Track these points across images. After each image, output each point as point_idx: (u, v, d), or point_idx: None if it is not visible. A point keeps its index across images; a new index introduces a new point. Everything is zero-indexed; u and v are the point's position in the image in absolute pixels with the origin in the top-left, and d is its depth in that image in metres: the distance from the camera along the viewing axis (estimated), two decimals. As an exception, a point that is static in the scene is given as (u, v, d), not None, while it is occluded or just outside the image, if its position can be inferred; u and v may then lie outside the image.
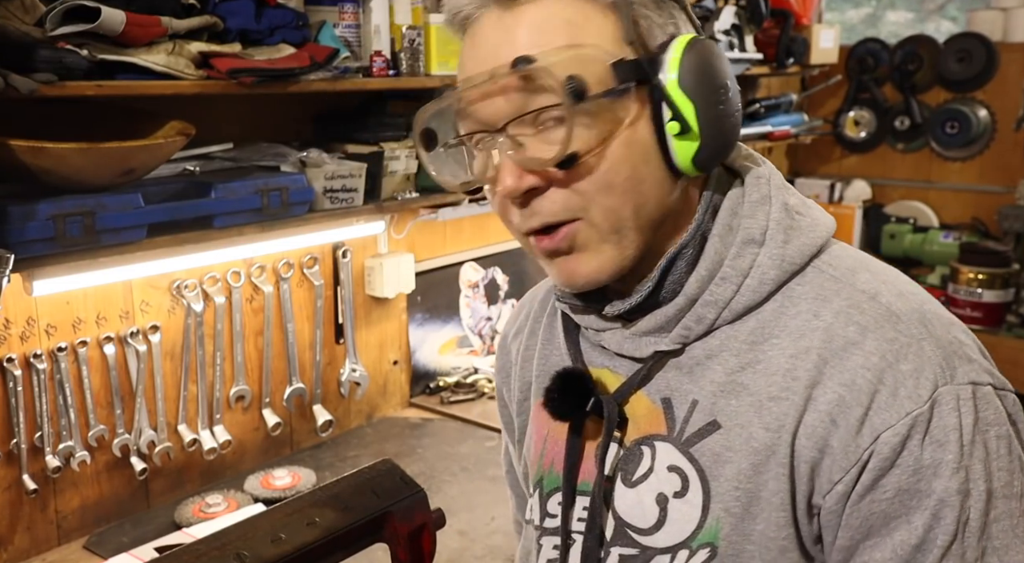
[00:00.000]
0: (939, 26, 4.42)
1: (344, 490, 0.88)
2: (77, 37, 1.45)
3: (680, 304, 0.79)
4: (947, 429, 0.71)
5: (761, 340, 0.78)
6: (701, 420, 0.79)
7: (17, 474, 1.73)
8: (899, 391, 0.72)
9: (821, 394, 0.74)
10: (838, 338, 0.74)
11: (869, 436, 0.72)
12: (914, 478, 0.71)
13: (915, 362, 0.72)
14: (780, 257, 0.78)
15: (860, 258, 0.82)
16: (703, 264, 0.79)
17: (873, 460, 0.71)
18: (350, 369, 2.30)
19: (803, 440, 0.74)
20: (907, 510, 0.72)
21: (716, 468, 0.78)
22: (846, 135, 3.85)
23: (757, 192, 0.81)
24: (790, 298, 0.78)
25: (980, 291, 3.11)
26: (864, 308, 0.75)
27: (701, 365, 0.80)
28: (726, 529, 0.77)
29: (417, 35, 2.02)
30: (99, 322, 1.82)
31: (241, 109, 1.97)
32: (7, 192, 1.47)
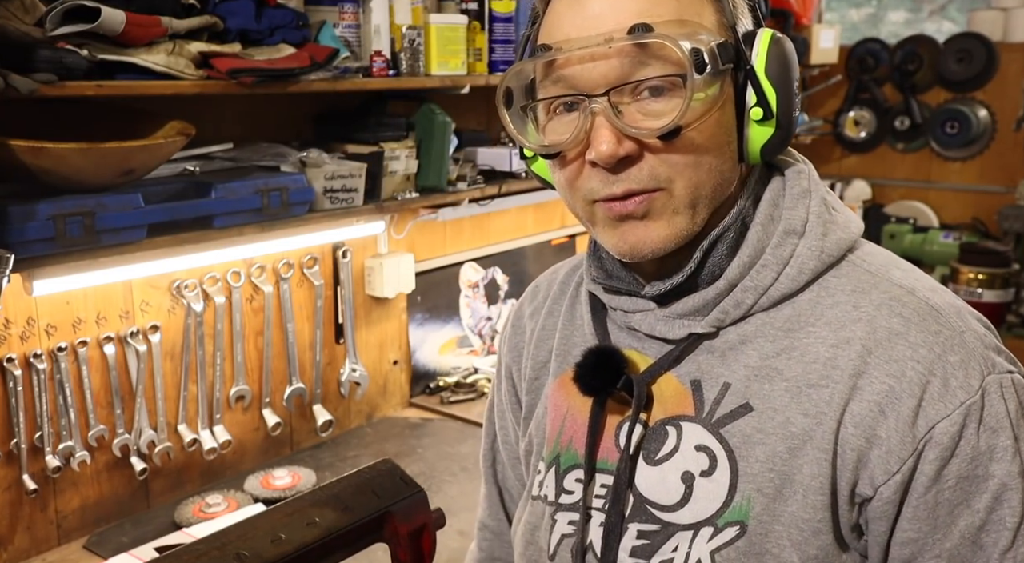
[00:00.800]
0: (939, 26, 4.42)
1: (344, 490, 0.88)
2: (77, 37, 1.45)
3: (720, 288, 0.81)
4: (998, 416, 0.74)
5: (797, 328, 0.80)
6: (733, 402, 0.81)
7: (17, 474, 1.73)
8: (950, 382, 0.74)
9: (867, 384, 0.75)
10: (882, 329, 0.77)
11: (924, 426, 0.74)
12: (972, 465, 0.74)
13: (961, 353, 0.75)
14: (819, 249, 0.81)
15: (890, 256, 0.85)
16: (745, 250, 0.81)
17: (931, 451, 0.73)
18: (350, 369, 2.30)
19: (849, 428, 0.76)
20: (967, 496, 0.74)
21: (746, 449, 0.79)
22: (846, 135, 3.85)
23: (799, 185, 0.84)
24: (826, 289, 0.81)
25: (980, 291, 3.11)
26: (904, 301, 0.78)
27: (735, 349, 0.81)
28: (757, 508, 0.78)
29: (417, 35, 2.02)
30: (99, 322, 1.82)
31: (241, 109, 1.98)
32: (7, 192, 1.47)
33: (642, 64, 0.74)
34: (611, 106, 0.75)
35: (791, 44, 0.80)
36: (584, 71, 0.76)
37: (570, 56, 0.76)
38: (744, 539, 0.78)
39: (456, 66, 2.11)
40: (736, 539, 0.79)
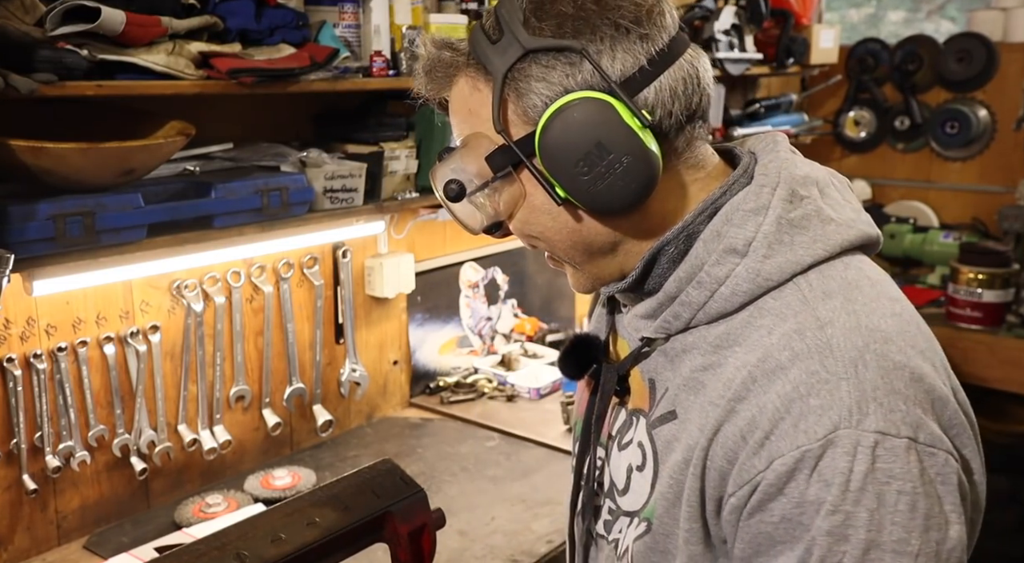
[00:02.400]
0: (939, 26, 4.42)
1: (344, 490, 0.88)
2: (77, 37, 1.45)
3: (660, 299, 0.85)
4: (836, 471, 0.71)
5: (726, 346, 0.80)
6: (665, 407, 0.85)
7: (17, 474, 1.73)
8: (800, 424, 0.73)
9: (742, 409, 0.76)
10: (772, 360, 0.76)
11: (764, 460, 0.74)
12: (798, 510, 0.73)
13: (825, 399, 0.73)
14: (756, 272, 0.79)
15: (852, 282, 0.80)
16: (683, 266, 0.83)
17: (763, 484, 0.74)
18: (350, 369, 2.30)
19: (717, 448, 0.78)
20: (791, 539, 0.73)
21: (666, 454, 0.84)
22: (846, 135, 3.85)
23: (755, 201, 0.81)
24: (761, 310, 0.80)
25: (980, 291, 3.11)
26: (806, 336, 0.76)
27: (679, 357, 0.85)
28: (659, 511, 0.84)
29: (417, 35, 2.02)
30: (99, 322, 1.82)
31: (241, 109, 1.97)
32: (7, 192, 1.47)
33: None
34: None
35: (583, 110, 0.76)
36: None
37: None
38: (649, 536, 0.85)
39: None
40: (644, 534, 0.86)
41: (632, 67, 0.77)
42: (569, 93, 0.77)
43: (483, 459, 2.14)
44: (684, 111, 0.80)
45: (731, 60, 3.05)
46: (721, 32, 3.04)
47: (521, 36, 0.78)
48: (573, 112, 0.76)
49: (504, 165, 0.81)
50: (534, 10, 0.78)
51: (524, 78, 0.78)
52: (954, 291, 3.16)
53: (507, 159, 0.81)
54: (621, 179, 0.77)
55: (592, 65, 0.77)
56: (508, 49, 0.78)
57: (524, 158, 0.80)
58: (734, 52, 3.08)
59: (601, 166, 0.77)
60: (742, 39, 3.14)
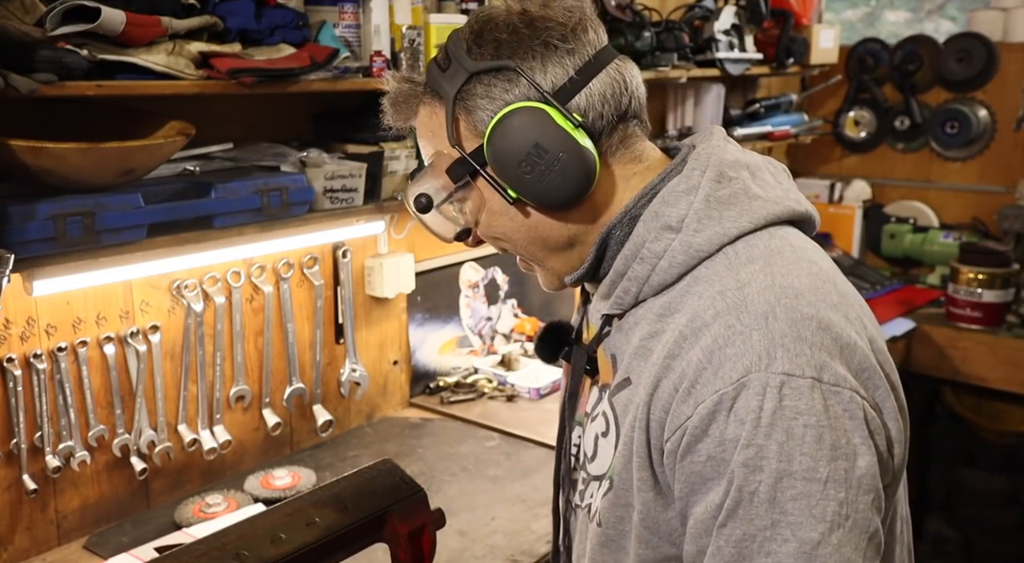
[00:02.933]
0: (939, 26, 4.42)
1: (344, 490, 0.88)
2: (77, 37, 1.45)
3: (612, 277, 0.95)
4: (748, 409, 0.80)
5: (668, 314, 0.90)
6: (621, 375, 0.94)
7: (17, 474, 1.73)
8: (719, 371, 0.82)
9: (675, 365, 0.85)
10: (698, 319, 0.86)
11: (691, 406, 0.83)
12: (719, 448, 0.81)
13: (739, 348, 0.82)
14: (688, 244, 0.89)
15: (774, 249, 0.89)
16: (628, 245, 0.93)
17: (690, 428, 0.83)
18: (350, 369, 2.30)
19: (655, 402, 0.87)
20: (717, 475, 0.82)
21: (623, 417, 0.93)
22: (846, 135, 3.85)
23: (686, 183, 0.92)
24: (695, 279, 0.89)
25: (980, 291, 3.11)
26: (727, 296, 0.85)
27: (631, 329, 0.94)
28: (618, 468, 0.93)
29: (417, 35, 2.02)
30: (99, 322, 1.82)
31: (241, 109, 1.98)
32: (7, 192, 1.47)
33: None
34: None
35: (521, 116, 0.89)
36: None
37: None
38: (612, 492, 0.94)
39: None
40: (608, 492, 0.95)
41: (562, 78, 0.90)
42: (508, 105, 0.89)
43: (483, 459, 2.14)
44: (615, 112, 0.92)
45: (731, 60, 3.05)
46: (721, 32, 3.04)
47: (465, 62, 0.91)
48: (512, 120, 0.89)
49: (463, 175, 0.93)
50: (475, 39, 0.92)
51: (471, 97, 0.91)
52: (954, 291, 3.16)
53: (464, 170, 0.93)
54: (560, 175, 0.89)
55: (527, 80, 0.89)
56: (456, 74, 0.91)
57: (478, 167, 0.92)
58: (734, 52, 3.08)
59: (541, 164, 0.89)
60: (742, 39, 3.14)
